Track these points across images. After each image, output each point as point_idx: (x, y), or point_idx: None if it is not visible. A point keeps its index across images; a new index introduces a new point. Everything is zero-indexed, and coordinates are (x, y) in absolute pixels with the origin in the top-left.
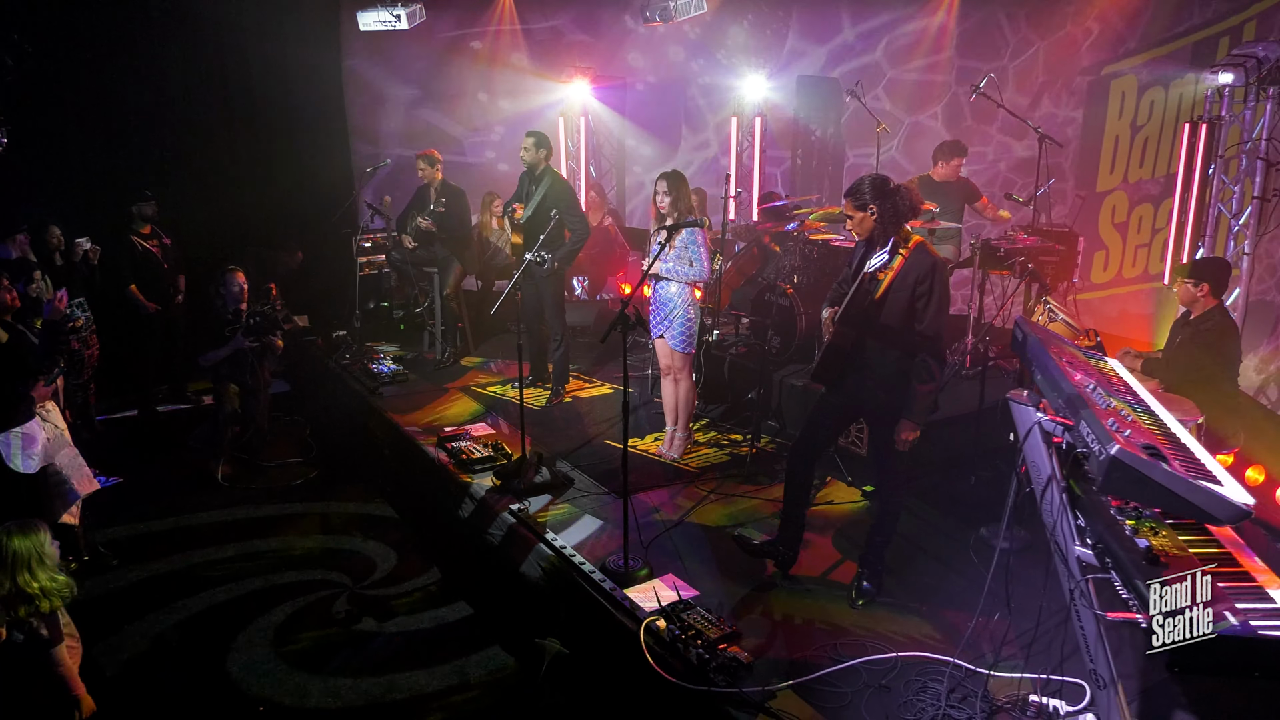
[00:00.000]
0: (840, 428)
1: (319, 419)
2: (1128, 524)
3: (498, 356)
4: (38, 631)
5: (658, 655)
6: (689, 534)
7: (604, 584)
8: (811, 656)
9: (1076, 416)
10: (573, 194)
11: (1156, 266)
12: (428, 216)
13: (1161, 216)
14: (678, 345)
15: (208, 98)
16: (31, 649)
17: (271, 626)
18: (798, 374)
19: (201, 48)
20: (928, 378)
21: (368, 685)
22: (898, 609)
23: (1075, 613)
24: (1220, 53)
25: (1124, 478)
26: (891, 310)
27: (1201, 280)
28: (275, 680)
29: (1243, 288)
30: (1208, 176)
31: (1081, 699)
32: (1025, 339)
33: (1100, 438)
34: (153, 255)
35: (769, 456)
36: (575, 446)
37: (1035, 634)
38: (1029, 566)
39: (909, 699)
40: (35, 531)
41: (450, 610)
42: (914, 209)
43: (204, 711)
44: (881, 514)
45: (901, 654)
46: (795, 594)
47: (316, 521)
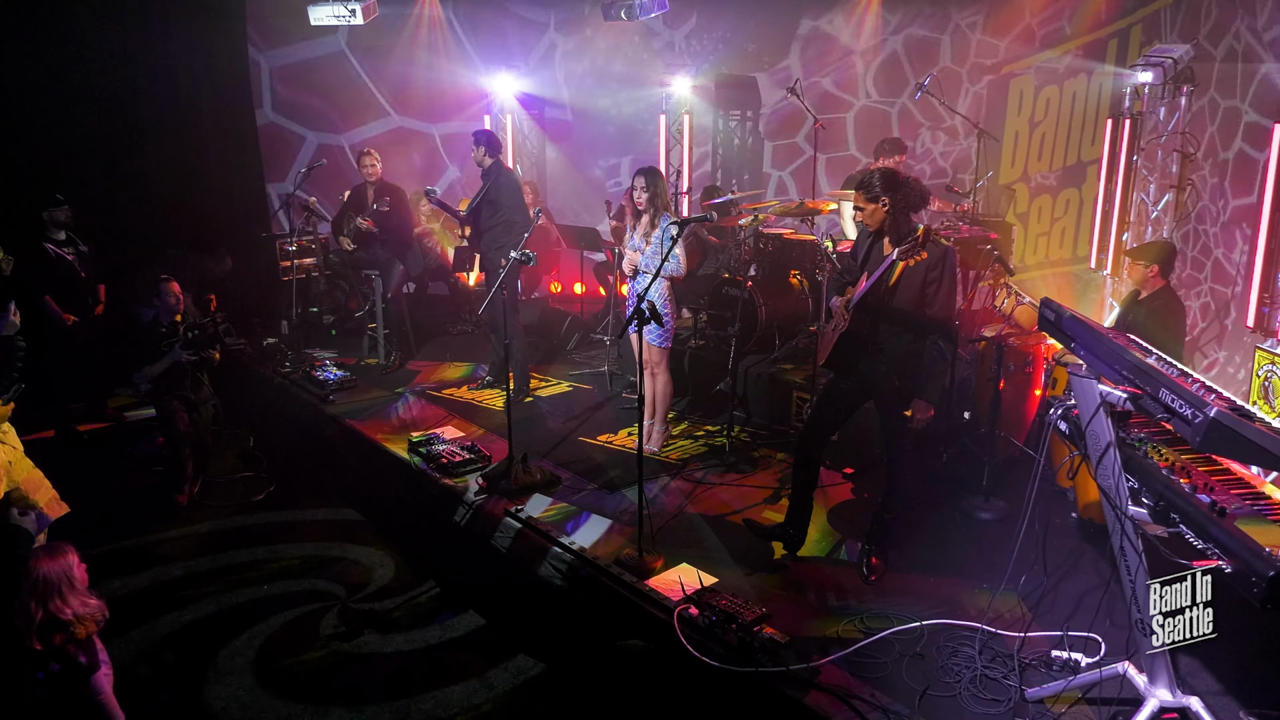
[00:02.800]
0: (850, 412)
1: (259, 430)
2: (1184, 483)
3: (440, 358)
4: (76, 659)
5: (695, 642)
6: (690, 524)
7: (624, 577)
8: (841, 632)
9: (1153, 385)
10: (516, 186)
11: (1056, 253)
12: (369, 216)
13: (1059, 206)
14: (656, 340)
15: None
16: (71, 678)
17: (255, 646)
18: (760, 364)
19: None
20: (940, 358)
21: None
22: (906, 581)
23: (1126, 567)
24: (1110, 54)
25: (1221, 437)
26: (905, 296)
27: (1152, 262)
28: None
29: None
30: (1132, 165)
31: (1098, 652)
32: (1059, 317)
33: (1193, 402)
34: (68, 263)
35: (744, 445)
36: (551, 445)
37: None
38: (1011, 536)
39: (944, 663)
40: (63, 555)
41: (460, 621)
42: (923, 199)
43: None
44: (889, 493)
45: (925, 622)
46: (808, 574)
47: (289, 535)
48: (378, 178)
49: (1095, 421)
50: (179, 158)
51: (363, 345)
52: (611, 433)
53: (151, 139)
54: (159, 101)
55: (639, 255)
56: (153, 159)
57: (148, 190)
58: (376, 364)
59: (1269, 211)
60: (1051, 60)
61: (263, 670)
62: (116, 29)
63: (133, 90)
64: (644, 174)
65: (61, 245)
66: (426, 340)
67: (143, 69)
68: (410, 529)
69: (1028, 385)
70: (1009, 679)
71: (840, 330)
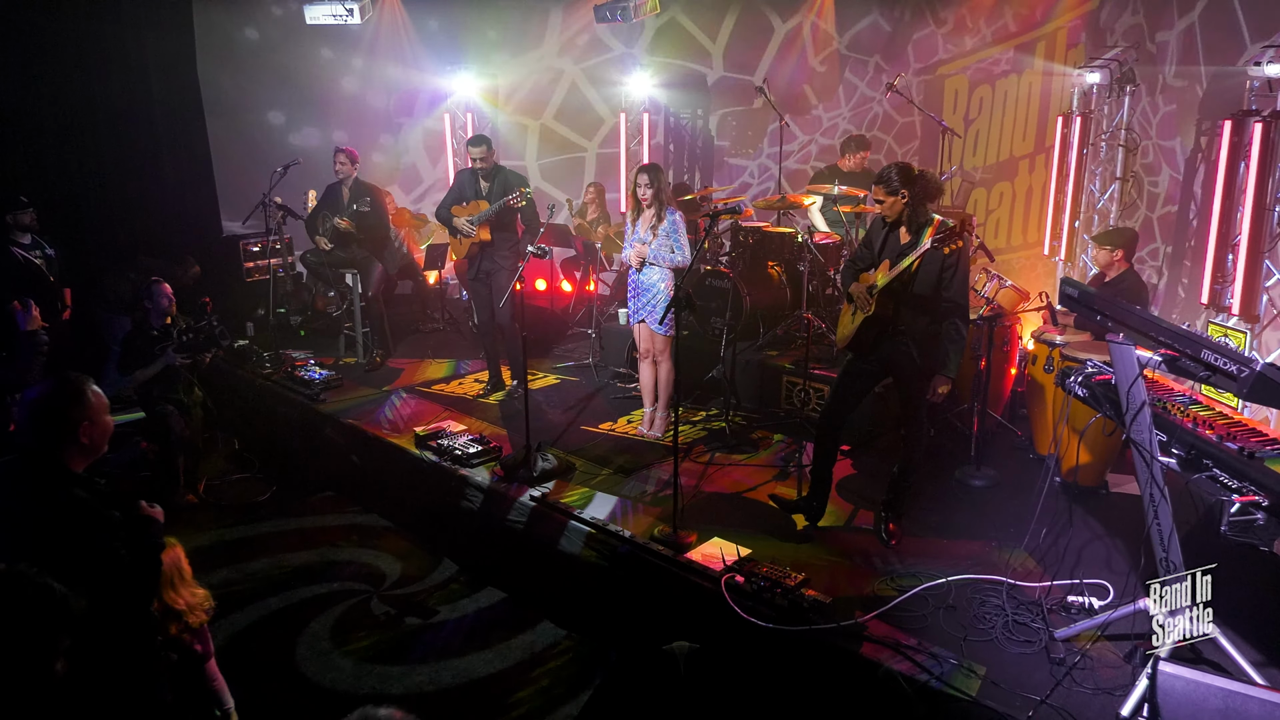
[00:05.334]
0: (869, 389)
1: (243, 432)
2: (1210, 434)
3: (419, 356)
4: (191, 648)
5: (745, 607)
6: (710, 501)
7: (663, 552)
8: (876, 590)
9: (1194, 347)
10: (526, 183)
11: (992, 242)
12: (349, 216)
13: (994, 199)
14: (661, 329)
15: (72, 100)
16: (188, 666)
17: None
18: (746, 351)
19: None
20: (957, 337)
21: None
22: (921, 544)
23: (1154, 511)
24: (1038, 54)
25: (1265, 388)
26: (924, 282)
27: (1117, 246)
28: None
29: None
30: (1083, 159)
31: (1107, 596)
32: (1081, 294)
33: (1238, 360)
34: (35, 267)
35: (741, 429)
36: (556, 435)
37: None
38: (1005, 499)
39: (976, 613)
40: (171, 548)
41: (495, 605)
42: (938, 190)
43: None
44: (906, 463)
45: (952, 578)
46: (832, 541)
47: (302, 535)
48: (349, 178)
49: (1135, 383)
50: (133, 160)
51: (339, 345)
52: (611, 421)
53: (106, 139)
54: (112, 102)
55: (646, 248)
56: (109, 160)
57: (105, 193)
58: (356, 363)
59: (1220, 200)
60: (985, 61)
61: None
62: (71, 20)
63: (89, 89)
64: (646, 170)
65: (28, 249)
66: (399, 338)
67: (95, 63)
68: (429, 520)
69: (1005, 364)
70: (1036, 623)
71: (866, 314)
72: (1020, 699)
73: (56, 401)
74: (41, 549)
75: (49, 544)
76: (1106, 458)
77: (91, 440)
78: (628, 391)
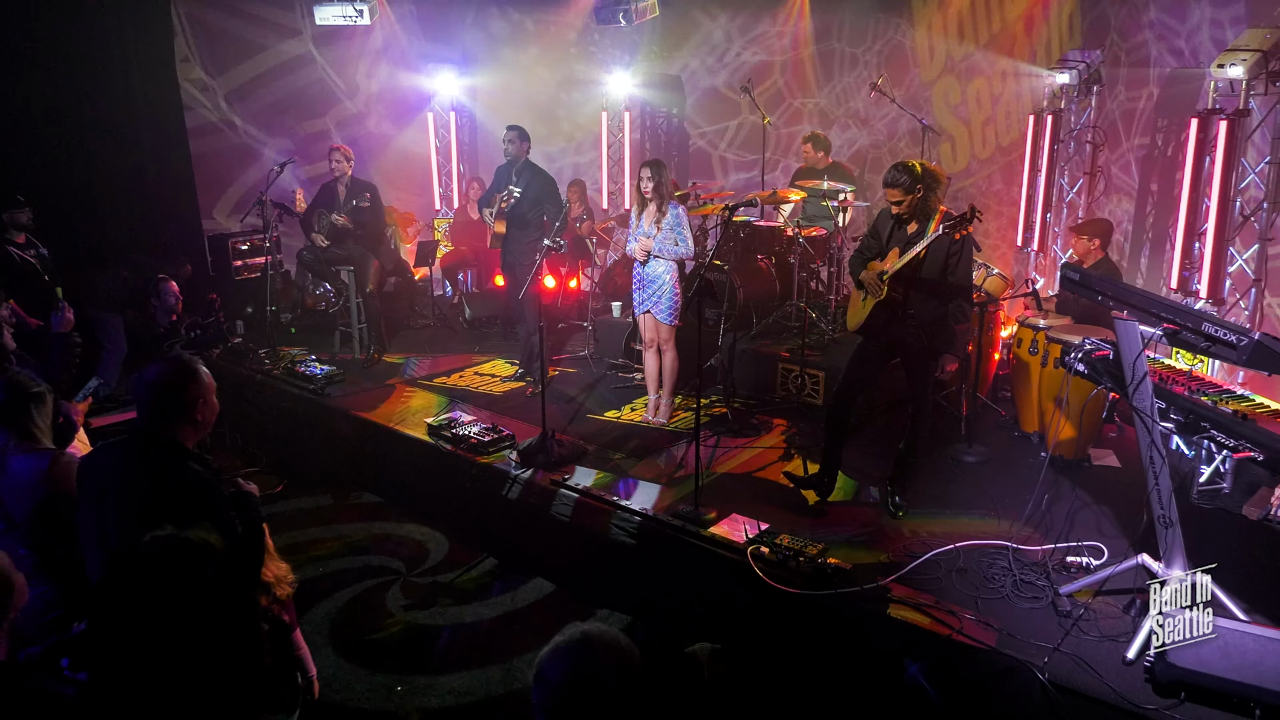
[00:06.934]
0: (880, 369)
1: (244, 426)
2: (1205, 400)
3: (415, 351)
4: (280, 618)
5: (772, 576)
6: (723, 481)
7: (687, 528)
8: (890, 557)
9: (1194, 320)
10: (554, 183)
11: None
12: (348, 213)
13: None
14: (666, 319)
15: (59, 103)
16: (278, 635)
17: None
18: (740, 340)
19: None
20: (963, 318)
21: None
22: (928, 514)
23: (1153, 474)
24: (1012, 55)
25: (1262, 355)
26: (931, 267)
27: (1094, 236)
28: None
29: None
30: (1054, 155)
31: (1102, 555)
32: (1082, 277)
33: (1237, 330)
34: (31, 266)
35: (742, 413)
36: (566, 422)
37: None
38: (996, 473)
39: (985, 574)
40: None
41: (527, 588)
42: (945, 181)
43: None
44: (912, 440)
45: (959, 545)
46: (843, 514)
47: (321, 525)
48: (344, 176)
49: (1140, 356)
50: (118, 159)
51: (334, 340)
52: (616, 409)
53: (92, 139)
54: (96, 101)
55: (651, 241)
56: (95, 159)
57: (91, 192)
58: (353, 359)
59: (1188, 190)
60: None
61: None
62: (61, 21)
63: (76, 90)
64: (649, 166)
65: (24, 249)
66: (390, 335)
67: (83, 66)
68: (446, 507)
69: (990, 348)
70: (1041, 581)
71: (878, 299)
72: (1034, 647)
73: (177, 381)
74: (169, 522)
75: (175, 517)
76: (1089, 433)
77: (205, 418)
78: (628, 381)
